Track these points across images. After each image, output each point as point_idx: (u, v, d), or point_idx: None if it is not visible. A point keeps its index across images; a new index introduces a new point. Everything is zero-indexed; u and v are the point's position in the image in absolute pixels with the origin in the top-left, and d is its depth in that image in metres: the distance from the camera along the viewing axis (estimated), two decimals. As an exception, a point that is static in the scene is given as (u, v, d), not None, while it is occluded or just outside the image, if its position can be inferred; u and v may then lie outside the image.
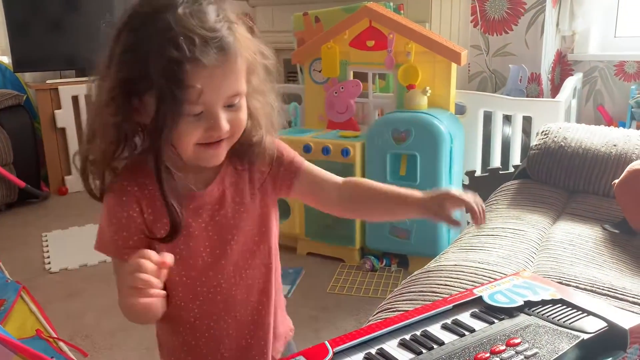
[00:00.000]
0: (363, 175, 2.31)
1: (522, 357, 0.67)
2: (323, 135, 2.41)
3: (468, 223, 1.95)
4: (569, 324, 0.76)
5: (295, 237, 2.53)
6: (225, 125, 0.71)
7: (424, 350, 0.72)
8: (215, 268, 0.80)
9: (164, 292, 0.69)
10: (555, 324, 0.76)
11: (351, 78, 2.47)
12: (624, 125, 2.59)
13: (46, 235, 2.73)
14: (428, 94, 2.22)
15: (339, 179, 0.87)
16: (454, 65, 2.24)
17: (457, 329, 0.77)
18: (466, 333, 0.75)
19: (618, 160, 1.51)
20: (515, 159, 2.26)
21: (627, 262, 1.20)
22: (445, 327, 0.78)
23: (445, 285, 1.05)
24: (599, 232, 1.36)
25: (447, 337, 0.75)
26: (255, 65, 0.76)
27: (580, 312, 0.78)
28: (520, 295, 0.83)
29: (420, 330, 0.77)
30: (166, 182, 0.73)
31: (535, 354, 0.69)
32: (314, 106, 2.59)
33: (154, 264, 0.66)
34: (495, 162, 2.31)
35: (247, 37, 0.74)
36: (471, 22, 2.85)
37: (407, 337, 0.76)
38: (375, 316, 1.02)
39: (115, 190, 0.76)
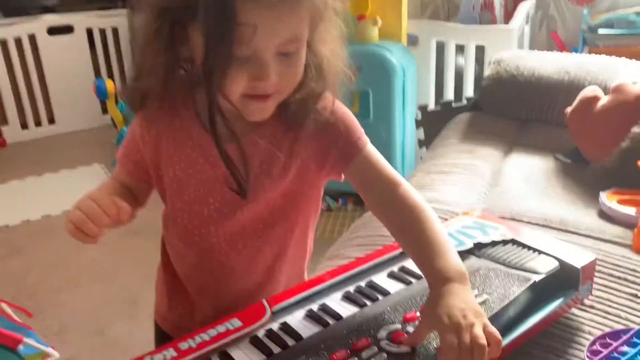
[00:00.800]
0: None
1: None
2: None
3: (421, 158, 1.91)
4: (520, 265, 0.73)
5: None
6: (272, 76, 0.60)
7: (368, 303, 0.68)
8: (217, 225, 0.71)
9: (96, 237, 0.63)
10: (506, 266, 0.73)
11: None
12: (576, 51, 2.55)
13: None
14: (379, 25, 2.11)
15: (397, 180, 0.69)
16: (404, -7, 2.13)
17: (404, 276, 0.74)
18: (413, 281, 0.72)
19: (571, 88, 1.47)
20: (469, 90, 2.21)
21: (579, 193, 1.17)
22: (391, 276, 0.75)
23: (396, 227, 1.00)
24: (552, 162, 1.33)
25: (393, 286, 0.72)
26: (325, 8, 0.63)
27: (531, 252, 0.76)
28: (469, 236, 0.80)
29: (365, 281, 0.73)
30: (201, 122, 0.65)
31: (485, 300, 0.66)
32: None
33: (105, 210, 0.63)
34: (449, 94, 2.26)
35: None
36: (422, -54, 2.71)
37: (352, 289, 0.72)
38: (323, 265, 0.98)
39: (147, 111, 0.70)
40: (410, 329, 0.61)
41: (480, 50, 2.18)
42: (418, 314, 0.64)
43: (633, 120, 1.19)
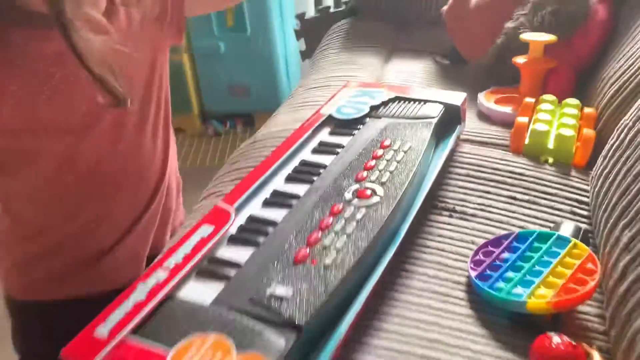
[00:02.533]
0: (187, 33, 2.04)
1: (401, 154, 0.71)
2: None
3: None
4: (415, 114, 0.82)
5: (126, 113, 2.27)
6: None
7: (314, 178, 0.69)
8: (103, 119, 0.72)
9: None
10: (405, 118, 0.81)
11: None
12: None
13: None
14: None
15: None
16: None
17: (329, 149, 0.76)
18: (339, 150, 0.75)
19: (446, -15, 1.42)
20: (348, -7, 2.11)
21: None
22: (316, 152, 0.76)
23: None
24: (431, 65, 1.30)
25: (325, 159, 0.73)
26: None
27: (417, 103, 0.84)
28: (362, 103, 0.85)
29: (297, 161, 0.74)
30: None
31: (409, 148, 0.72)
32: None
33: None
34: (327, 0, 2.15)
35: None
36: None
37: (290, 171, 0.72)
38: (199, 205, 0.90)
39: None
40: (369, 186, 0.66)
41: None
42: (364, 173, 0.69)
43: (507, 14, 1.17)
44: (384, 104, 0.86)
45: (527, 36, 1.03)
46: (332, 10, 1.81)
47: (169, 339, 0.49)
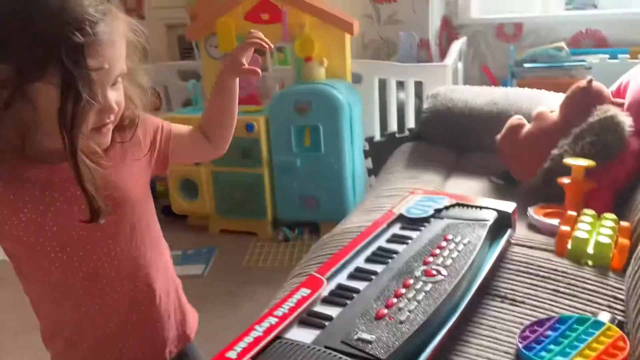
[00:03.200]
0: (269, 149, 2.34)
1: (461, 246, 0.88)
2: (225, 112, 2.40)
3: (371, 186, 2.05)
4: (472, 217, 0.99)
5: (206, 217, 2.52)
6: (115, 106, 0.71)
7: (389, 260, 0.87)
8: (92, 242, 0.78)
9: None
10: (464, 220, 0.98)
11: (248, 52, 2.46)
12: (506, 84, 2.79)
13: None
14: (325, 65, 2.27)
15: (188, 127, 0.92)
16: (347, 36, 2.30)
17: (400, 240, 0.94)
18: (409, 241, 0.93)
19: (500, 117, 1.65)
20: (410, 122, 2.39)
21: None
22: (390, 241, 0.94)
23: (352, 246, 1.12)
24: (486, 184, 1.49)
25: (397, 247, 0.91)
26: (131, 44, 0.75)
27: (474, 208, 1.02)
28: (427, 206, 1.04)
29: (375, 247, 0.92)
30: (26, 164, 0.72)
31: (468, 242, 0.89)
32: (213, 83, 2.56)
33: None
34: (392, 126, 2.43)
35: (123, 15, 0.73)
36: (362, -9, 2.92)
37: (369, 254, 0.90)
38: (289, 282, 1.07)
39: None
40: (435, 267, 0.84)
41: (418, 85, 2.37)
42: (430, 258, 0.86)
43: (553, 143, 1.36)
44: (446, 207, 1.04)
45: (570, 161, 1.21)
46: (397, 135, 2.07)
47: (281, 364, 0.66)
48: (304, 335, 0.72)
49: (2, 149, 0.69)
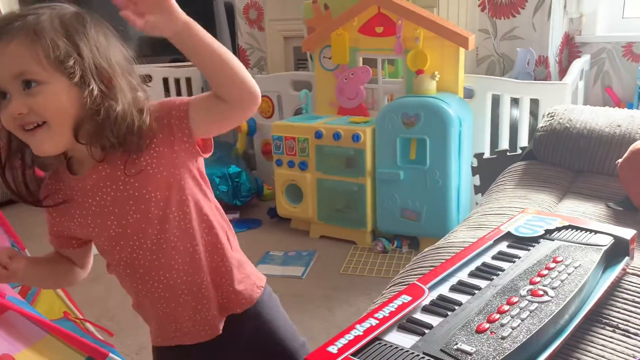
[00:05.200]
0: (373, 160, 2.36)
1: (572, 268, 0.85)
2: (334, 121, 2.46)
3: (477, 204, 2.00)
4: (586, 241, 0.95)
5: (308, 221, 2.60)
6: (17, 108, 0.75)
7: (494, 277, 0.86)
8: (125, 237, 0.87)
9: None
10: (577, 243, 0.95)
11: (361, 64, 2.52)
12: (631, 107, 2.61)
13: None
14: (437, 79, 2.26)
15: (205, 94, 0.84)
16: (462, 50, 2.28)
17: (506, 258, 0.93)
18: (515, 260, 0.91)
19: (622, 140, 1.56)
20: (523, 140, 2.31)
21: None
22: (495, 258, 0.93)
23: (454, 260, 1.11)
24: (603, 209, 1.41)
25: (503, 265, 0.90)
26: (68, 53, 0.76)
27: (589, 232, 0.98)
28: (537, 226, 1.01)
29: (479, 263, 0.92)
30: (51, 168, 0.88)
31: (580, 265, 0.86)
32: (324, 93, 2.64)
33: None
34: (503, 144, 2.36)
35: (61, 31, 0.76)
36: (479, 6, 2.87)
37: (473, 269, 0.90)
38: (389, 289, 1.09)
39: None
40: (542, 288, 0.81)
41: (534, 103, 2.28)
42: (537, 278, 0.84)
43: (681, 171, 1.26)
44: (558, 229, 1.01)
45: (701, 191, 1.12)
46: (508, 153, 2.01)
47: (379, 364, 0.67)
48: (402, 340, 0.73)
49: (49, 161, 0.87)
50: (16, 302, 1.41)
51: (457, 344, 0.70)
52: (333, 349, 0.70)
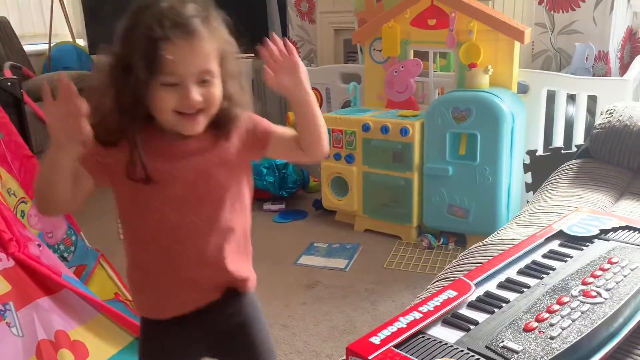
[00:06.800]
0: (422, 155, 2.33)
1: (628, 270, 0.82)
2: (382, 115, 2.44)
3: (527, 202, 1.95)
4: None
5: (353, 214, 2.59)
6: (195, 96, 0.83)
7: (544, 276, 0.84)
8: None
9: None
10: (634, 244, 0.90)
11: (412, 57, 2.48)
12: (698, 105, 2.48)
13: (120, 208, 2.91)
14: (490, 73, 2.21)
15: (291, 132, 0.98)
16: (517, 44, 2.22)
17: (557, 257, 0.90)
18: (567, 259, 0.88)
19: (686, 140, 1.48)
20: (579, 138, 2.22)
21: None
22: (546, 257, 0.91)
23: (502, 258, 1.08)
24: (664, 212, 1.34)
25: (554, 264, 0.88)
26: (226, 51, 0.87)
27: None
28: (592, 225, 0.97)
29: (529, 261, 0.89)
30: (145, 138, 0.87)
31: (636, 267, 0.82)
32: (373, 85, 2.62)
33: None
34: (558, 141, 2.28)
35: (220, 29, 0.87)
36: (536, -2, 2.78)
37: (522, 267, 0.88)
38: (433, 284, 1.07)
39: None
40: (595, 289, 0.78)
41: (592, 100, 2.20)
42: (590, 279, 0.81)
43: None
44: (614, 229, 0.97)
45: None
46: (563, 150, 1.94)
47: (422, 356, 0.67)
48: (446, 335, 0.72)
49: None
50: (71, 282, 1.48)
51: (503, 341, 0.69)
52: (376, 340, 0.70)
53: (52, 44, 3.80)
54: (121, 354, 1.54)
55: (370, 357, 0.67)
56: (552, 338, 0.68)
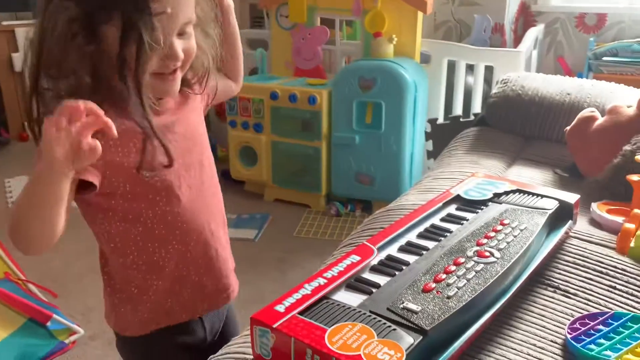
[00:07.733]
0: (329, 123, 2.34)
1: (518, 231, 0.87)
2: (290, 83, 2.42)
3: (429, 168, 2.02)
4: (532, 205, 0.97)
5: (263, 184, 2.57)
6: (180, 53, 0.73)
7: (441, 238, 0.87)
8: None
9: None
10: (524, 206, 0.97)
11: (318, 24, 2.47)
12: (581, 76, 2.67)
13: (9, 182, 2.70)
14: (394, 42, 2.25)
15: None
16: (420, 14, 2.26)
17: (454, 220, 0.94)
18: (463, 222, 0.92)
19: (571, 108, 1.59)
20: (477, 107, 2.33)
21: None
22: (444, 220, 0.94)
23: (405, 223, 1.12)
24: (550, 175, 1.44)
25: (451, 227, 0.91)
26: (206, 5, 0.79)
27: (534, 196, 1.00)
28: (486, 190, 1.02)
29: (428, 224, 0.92)
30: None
31: (525, 228, 0.88)
32: (280, 52, 2.58)
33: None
34: (458, 110, 2.38)
35: None
36: (438, -30, 2.85)
37: (421, 230, 0.90)
38: (339, 250, 1.09)
39: None
40: (488, 249, 0.82)
41: (489, 70, 2.30)
42: (484, 240, 0.85)
43: (625, 139, 1.30)
44: (506, 193, 1.02)
45: (642, 158, 1.15)
46: (462, 119, 2.03)
47: (326, 322, 0.67)
48: (350, 299, 0.73)
49: (76, 89, 0.71)
50: (-49, 262, 1.35)
51: (403, 302, 0.71)
52: (280, 308, 0.69)
53: None
54: (14, 337, 1.45)
55: (274, 325, 0.66)
56: (448, 297, 0.71)
